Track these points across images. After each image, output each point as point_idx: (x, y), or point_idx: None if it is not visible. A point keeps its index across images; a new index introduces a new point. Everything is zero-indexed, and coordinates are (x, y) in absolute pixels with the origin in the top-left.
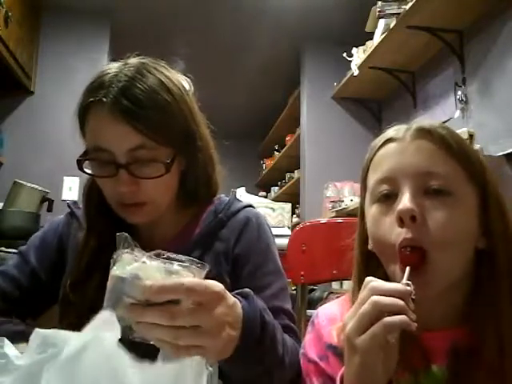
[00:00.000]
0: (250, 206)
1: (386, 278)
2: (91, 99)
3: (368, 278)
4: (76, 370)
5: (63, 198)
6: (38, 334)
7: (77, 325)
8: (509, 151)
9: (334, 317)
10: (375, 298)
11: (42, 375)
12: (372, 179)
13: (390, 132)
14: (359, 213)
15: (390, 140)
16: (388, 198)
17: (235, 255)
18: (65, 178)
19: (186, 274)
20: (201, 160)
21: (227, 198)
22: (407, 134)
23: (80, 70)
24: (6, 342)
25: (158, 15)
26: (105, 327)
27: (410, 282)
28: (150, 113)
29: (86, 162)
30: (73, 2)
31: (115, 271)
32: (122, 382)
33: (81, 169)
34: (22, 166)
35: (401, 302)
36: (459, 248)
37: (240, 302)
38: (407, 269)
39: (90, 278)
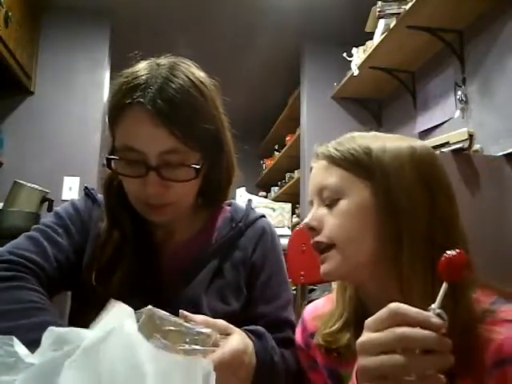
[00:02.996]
0: (264, 216)
1: None
2: (128, 100)
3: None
4: (95, 361)
5: (63, 197)
6: (52, 331)
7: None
8: (509, 151)
9: (316, 311)
10: (402, 330)
11: (57, 372)
12: None
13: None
14: None
15: (311, 168)
16: None
17: (251, 263)
18: (65, 177)
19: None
20: (224, 164)
21: (243, 206)
22: (313, 161)
23: (80, 70)
24: (15, 340)
25: (158, 15)
26: (122, 317)
27: (442, 312)
28: (185, 116)
29: (113, 160)
30: (73, 2)
31: None
32: (139, 371)
33: (109, 166)
34: (22, 166)
35: (434, 336)
36: (353, 238)
37: (253, 341)
38: (442, 287)
39: (114, 271)
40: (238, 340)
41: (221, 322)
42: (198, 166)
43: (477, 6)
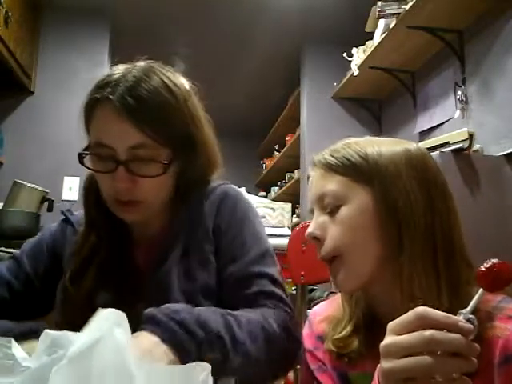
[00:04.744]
0: (227, 183)
1: None
2: (98, 96)
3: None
4: (85, 366)
5: (63, 198)
6: (48, 335)
7: (75, 315)
8: (509, 151)
9: (323, 313)
10: (431, 332)
11: (50, 376)
12: None
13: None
14: None
15: (309, 177)
16: None
17: (215, 228)
18: (65, 177)
19: None
20: (198, 164)
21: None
22: (310, 170)
23: (80, 70)
24: (13, 342)
25: (157, 15)
26: (112, 322)
27: (473, 317)
28: (154, 113)
29: (88, 157)
30: (73, 1)
31: None
32: (129, 377)
33: (81, 163)
34: (22, 166)
35: (463, 340)
36: (358, 246)
37: (154, 332)
38: (478, 294)
39: (87, 271)
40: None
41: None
42: (166, 162)
43: (477, 6)
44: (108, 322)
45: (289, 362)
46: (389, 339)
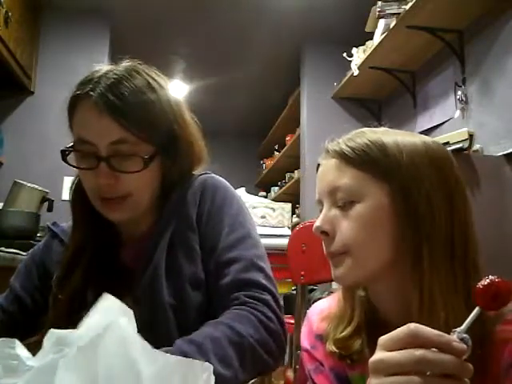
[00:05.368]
0: (207, 173)
1: None
2: (78, 92)
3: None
4: (92, 357)
5: (63, 198)
6: (53, 333)
7: (63, 315)
8: (509, 151)
9: (323, 311)
10: (422, 352)
11: (58, 368)
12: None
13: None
14: None
15: (318, 165)
16: None
17: (197, 217)
18: (65, 178)
19: None
20: (183, 163)
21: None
22: (322, 158)
23: (80, 70)
24: (17, 342)
25: (157, 15)
26: (117, 311)
27: (467, 337)
28: (134, 109)
29: (71, 154)
30: (73, 1)
31: None
32: (135, 369)
33: (64, 160)
34: (22, 166)
35: (455, 361)
36: (368, 245)
37: None
38: (473, 313)
39: (73, 272)
40: None
41: None
42: (147, 157)
43: (477, 6)
44: (113, 311)
45: (270, 366)
46: (378, 355)
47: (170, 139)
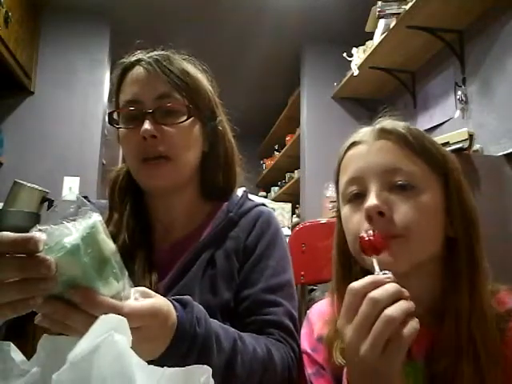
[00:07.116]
0: (263, 204)
1: (364, 275)
2: (131, 60)
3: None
4: (86, 372)
5: (63, 198)
6: (48, 339)
7: None
8: (509, 151)
9: (323, 313)
10: (372, 294)
11: (51, 381)
12: (342, 181)
13: (356, 135)
14: (336, 214)
15: (355, 143)
16: (358, 198)
17: (244, 249)
18: (65, 177)
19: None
20: (221, 146)
21: (238, 197)
22: (371, 136)
23: (80, 70)
24: (12, 346)
25: (158, 15)
26: (112, 327)
27: (387, 272)
28: (180, 75)
29: (116, 118)
30: (73, 1)
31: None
32: (130, 382)
33: (110, 122)
34: (22, 166)
35: (397, 287)
36: (426, 235)
37: (175, 307)
38: (375, 260)
39: None
40: (161, 299)
41: (142, 288)
42: (190, 106)
43: (477, 6)
44: (108, 326)
45: None
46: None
47: (211, 115)
